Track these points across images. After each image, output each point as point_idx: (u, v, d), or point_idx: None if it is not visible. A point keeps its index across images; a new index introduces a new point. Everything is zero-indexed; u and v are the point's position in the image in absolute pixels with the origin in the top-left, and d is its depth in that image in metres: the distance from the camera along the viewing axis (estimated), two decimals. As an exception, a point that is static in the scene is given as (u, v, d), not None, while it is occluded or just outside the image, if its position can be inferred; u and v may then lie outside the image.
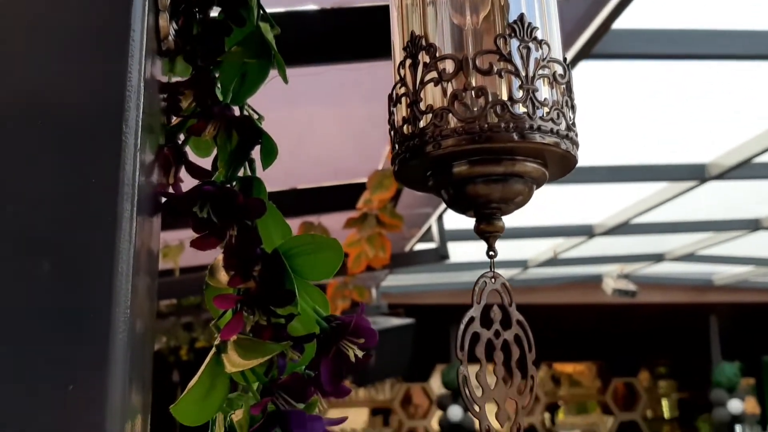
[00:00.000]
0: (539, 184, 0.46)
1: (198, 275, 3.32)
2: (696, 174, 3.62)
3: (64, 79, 0.40)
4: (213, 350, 0.49)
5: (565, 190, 4.04)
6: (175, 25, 0.50)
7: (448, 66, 0.45)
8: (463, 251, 4.89)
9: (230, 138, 0.51)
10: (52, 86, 0.40)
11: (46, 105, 0.39)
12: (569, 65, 0.47)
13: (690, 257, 5.49)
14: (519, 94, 0.43)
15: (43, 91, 0.40)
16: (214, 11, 0.53)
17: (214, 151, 0.54)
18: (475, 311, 0.44)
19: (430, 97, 0.45)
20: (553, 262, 5.37)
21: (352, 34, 1.53)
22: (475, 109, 0.43)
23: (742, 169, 3.45)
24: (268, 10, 0.55)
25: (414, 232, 4.10)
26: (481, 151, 0.43)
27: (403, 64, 0.48)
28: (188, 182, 0.51)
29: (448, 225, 4.12)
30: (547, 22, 0.47)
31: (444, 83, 0.44)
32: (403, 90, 0.47)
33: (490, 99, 0.43)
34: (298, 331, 0.52)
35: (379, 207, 2.57)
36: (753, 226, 4.73)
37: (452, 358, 6.62)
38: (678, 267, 6.09)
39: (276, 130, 0.54)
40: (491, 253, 0.45)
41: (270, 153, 0.51)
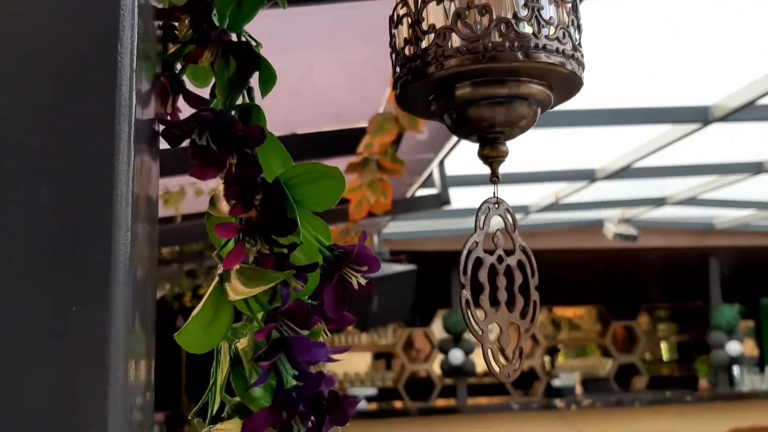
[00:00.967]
0: (544, 108, 0.45)
1: (200, 222, 3.33)
2: (699, 116, 3.58)
3: (57, 1, 0.39)
4: (216, 279, 0.49)
5: (567, 133, 4.01)
6: (168, -52, 0.49)
7: (451, -17, 0.43)
8: (465, 197, 4.89)
9: (228, 65, 0.49)
10: (45, 8, 0.39)
11: (38, 27, 0.38)
12: (574, -17, 0.46)
13: (692, 201, 5.48)
14: (524, 13, 0.42)
15: (35, 13, 0.39)
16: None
17: (212, 81, 0.53)
18: (477, 236, 0.44)
19: (432, 17, 0.43)
20: (555, 207, 5.37)
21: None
22: (479, 27, 0.42)
23: (747, 111, 3.41)
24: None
25: (415, 179, 4.09)
26: (485, 71, 0.42)
27: (404, -18, 0.46)
28: (186, 114, 0.50)
29: (450, 171, 4.10)
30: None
31: (447, 2, 0.43)
32: (405, 10, 0.45)
33: (494, 17, 0.41)
34: (300, 261, 0.52)
35: (380, 151, 2.56)
36: (756, 169, 4.71)
37: (453, 303, 6.70)
38: (679, 211, 6.10)
39: (274, 76, 0.52)
40: (494, 178, 0.45)
41: (269, 80, 0.50)
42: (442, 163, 3.81)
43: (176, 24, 0.51)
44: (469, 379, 6.98)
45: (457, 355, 6.30)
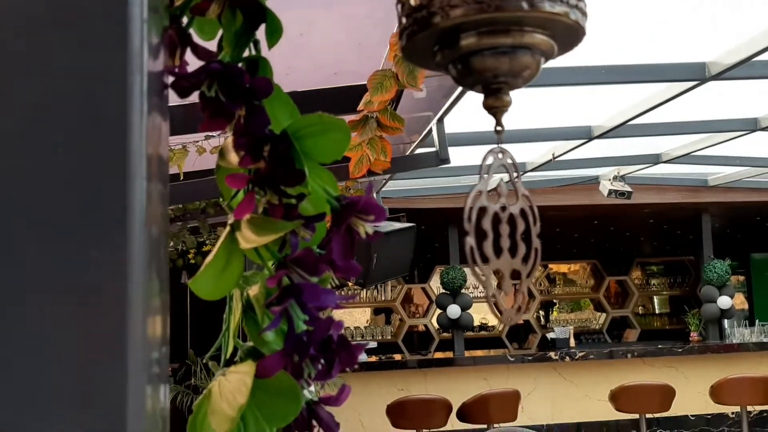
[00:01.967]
0: (547, 58, 0.46)
1: (202, 180, 3.33)
2: (696, 73, 3.56)
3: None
4: (227, 228, 0.51)
5: (564, 91, 4.00)
6: None
7: (456, -68, 0.43)
8: (464, 155, 4.88)
9: (234, 17, 0.50)
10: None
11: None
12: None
13: (686, 158, 5.49)
14: (528, -37, 0.42)
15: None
16: None
17: (219, 34, 0.53)
18: (482, 185, 0.45)
19: (438, -33, 0.44)
20: (551, 164, 5.38)
21: None
22: (484, -23, 0.42)
23: (743, 68, 3.39)
24: None
25: (414, 137, 4.08)
26: (490, 21, 0.42)
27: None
28: (193, 68, 0.51)
29: (449, 129, 4.09)
30: None
31: (452, -48, 0.43)
32: (410, -39, 0.46)
33: (499, -33, 0.42)
34: (308, 212, 0.54)
35: (380, 109, 2.55)
36: (751, 126, 4.71)
37: (451, 260, 6.75)
38: (674, 168, 6.11)
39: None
40: (498, 128, 0.46)
41: (275, 31, 0.50)
42: (441, 121, 3.80)
43: (181, -24, 0.51)
44: (466, 332, 7.08)
45: (454, 310, 6.39)
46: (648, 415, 5.89)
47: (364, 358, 6.29)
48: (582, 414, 6.38)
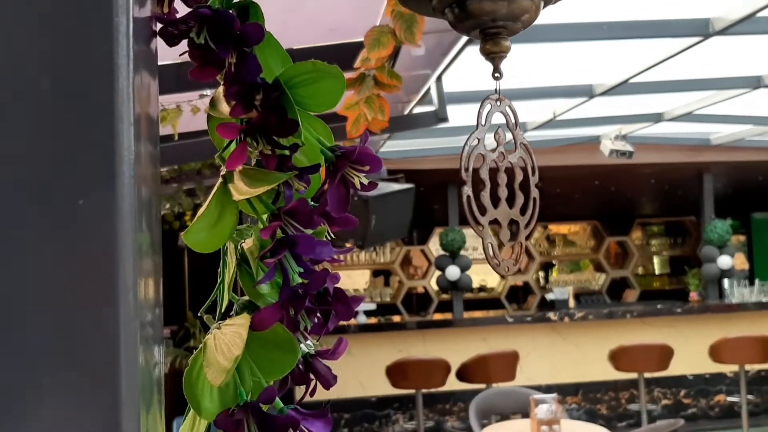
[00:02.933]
0: (546, 2, 0.44)
1: (197, 141, 3.31)
2: (700, 29, 3.51)
3: None
4: (220, 180, 0.50)
5: (565, 48, 3.94)
6: None
7: None
8: (462, 114, 4.84)
9: (223, -40, 0.48)
10: None
11: None
12: None
13: (688, 117, 5.45)
14: None
15: None
16: None
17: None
18: (479, 133, 0.44)
19: None
20: (552, 124, 5.34)
21: None
22: None
23: (748, 24, 3.34)
24: None
25: (412, 96, 4.04)
26: (488, -40, 0.41)
27: None
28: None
29: (447, 88, 4.05)
30: None
31: None
32: None
33: None
34: (302, 164, 0.53)
35: (377, 66, 2.51)
36: (754, 83, 4.66)
37: (450, 221, 6.76)
38: (676, 127, 6.07)
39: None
40: (497, 75, 0.45)
41: (266, -25, 0.48)
42: (439, 80, 3.76)
43: None
44: (465, 294, 7.13)
45: (453, 272, 6.41)
46: (646, 375, 5.96)
47: (363, 320, 6.34)
48: (581, 374, 6.46)
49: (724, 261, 6.69)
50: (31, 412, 0.37)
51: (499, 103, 0.45)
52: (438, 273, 6.64)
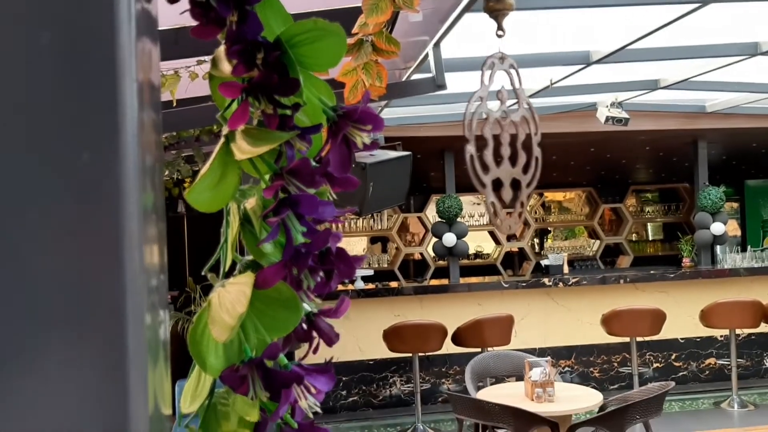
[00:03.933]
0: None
1: (196, 107, 3.28)
2: (699, -7, 3.47)
3: None
4: (222, 140, 0.50)
5: (562, 15, 3.90)
6: None
7: None
8: (460, 81, 4.81)
9: None
10: None
11: None
12: None
13: (685, 83, 5.43)
14: None
15: None
16: None
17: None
18: (482, 91, 0.44)
19: None
20: (549, 91, 5.31)
21: None
22: None
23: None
24: None
25: (410, 63, 4.01)
26: None
27: None
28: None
29: (445, 54, 4.02)
30: None
31: None
32: None
33: None
34: (304, 125, 0.53)
35: (375, 32, 2.49)
36: (751, 50, 4.63)
37: (447, 188, 6.76)
38: (672, 95, 6.05)
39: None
40: (500, 33, 0.44)
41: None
42: (437, 46, 3.72)
43: None
44: (461, 260, 7.17)
45: (450, 238, 6.44)
46: (639, 339, 6.04)
47: (361, 285, 6.38)
48: (574, 338, 6.54)
49: (717, 227, 6.73)
50: (38, 366, 0.37)
51: (502, 62, 0.45)
52: (434, 240, 6.67)
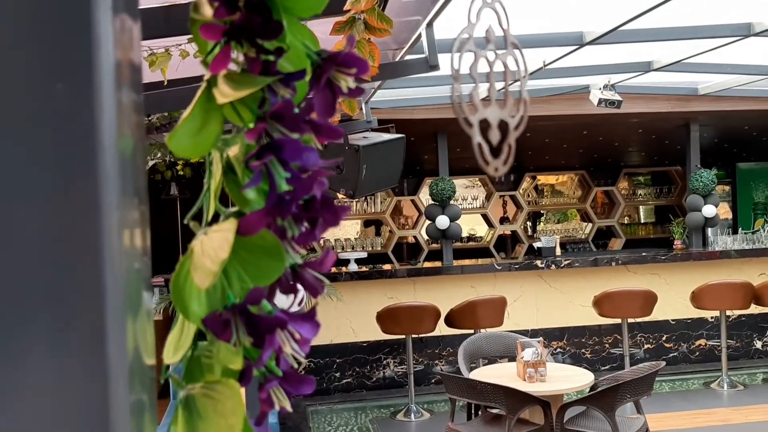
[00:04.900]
0: None
1: (188, 87, 3.25)
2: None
3: None
4: (203, 84, 0.49)
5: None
6: None
7: None
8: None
9: None
10: None
11: None
12: None
13: (677, 65, 5.42)
14: None
15: None
16: None
17: None
18: (469, 29, 0.43)
19: None
20: (542, 73, 5.29)
21: None
22: None
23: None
24: None
25: (403, 44, 3.99)
26: None
27: None
28: None
29: (438, 35, 3.99)
30: None
31: None
32: None
33: None
34: (288, 71, 0.52)
35: (367, 9, 2.47)
36: (744, 31, 4.62)
37: (441, 171, 6.75)
38: (664, 77, 6.04)
39: None
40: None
41: None
42: (430, 26, 3.69)
43: None
44: (455, 243, 7.18)
45: (443, 221, 6.44)
46: (630, 320, 6.08)
47: (354, 268, 6.39)
48: (566, 319, 6.58)
49: (709, 209, 6.76)
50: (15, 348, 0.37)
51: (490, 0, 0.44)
52: (428, 222, 6.67)
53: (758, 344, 6.93)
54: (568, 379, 4.20)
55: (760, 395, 5.89)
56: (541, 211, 9.45)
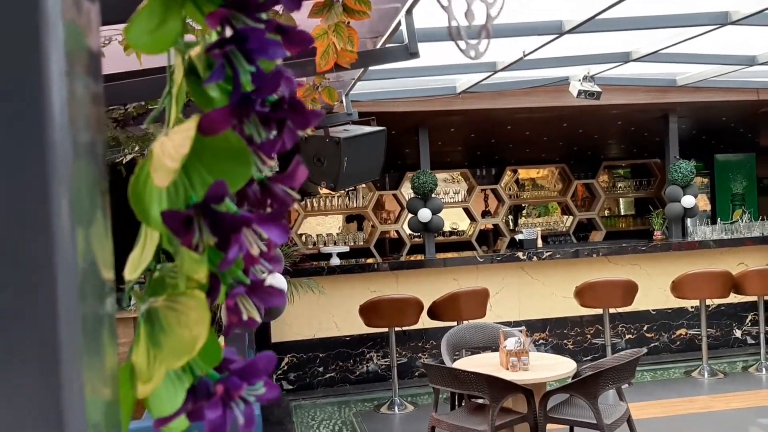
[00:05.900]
0: None
1: (164, 75, 3.20)
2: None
3: None
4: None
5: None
6: None
7: None
8: (434, 54, 4.77)
9: None
10: None
11: None
12: None
13: (656, 56, 5.45)
14: None
15: None
16: None
17: None
18: None
19: None
20: (522, 63, 5.30)
21: None
22: None
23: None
24: None
25: (382, 32, 3.97)
26: None
27: None
28: None
29: (418, 24, 3.98)
30: None
31: None
32: None
33: None
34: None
35: (345, -9, 2.44)
36: (722, 20, 4.66)
37: (422, 164, 6.74)
38: (643, 68, 6.08)
39: None
40: None
41: None
42: (409, 13, 3.67)
43: None
44: (437, 237, 7.18)
45: (425, 214, 6.43)
46: (611, 310, 6.11)
47: (336, 262, 6.35)
48: (548, 310, 6.60)
49: (688, 200, 6.81)
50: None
51: None
52: (410, 216, 6.65)
53: (738, 333, 7.00)
54: (551, 368, 4.20)
55: (740, 383, 5.95)
56: (523, 205, 9.49)
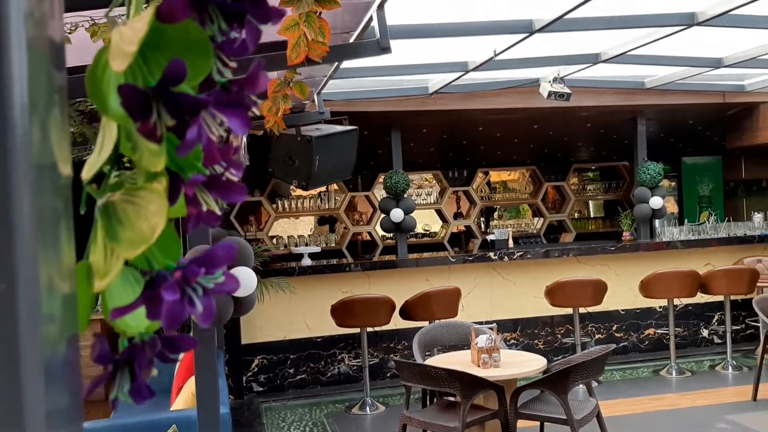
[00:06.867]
0: None
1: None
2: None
3: None
4: None
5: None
6: None
7: None
8: (406, 52, 4.79)
9: None
10: None
11: None
12: None
13: (625, 57, 5.54)
14: None
15: None
16: None
17: None
18: None
19: None
20: (492, 64, 5.35)
21: None
22: None
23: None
24: None
25: (354, 27, 3.98)
26: None
27: None
28: None
29: (391, 20, 3.99)
30: None
31: None
32: None
33: None
34: None
35: (316, -19, 2.44)
36: (689, 20, 4.75)
37: (395, 165, 6.75)
38: (612, 70, 6.18)
39: None
40: None
41: None
42: (381, 8, 3.69)
43: None
44: (409, 239, 7.18)
45: (397, 214, 6.43)
46: (581, 310, 6.17)
47: (308, 262, 6.32)
48: (519, 310, 6.64)
49: (656, 201, 6.92)
50: None
51: None
52: (382, 216, 6.65)
53: (705, 332, 7.12)
54: (522, 364, 4.22)
55: (707, 381, 6.04)
56: (494, 207, 9.56)
